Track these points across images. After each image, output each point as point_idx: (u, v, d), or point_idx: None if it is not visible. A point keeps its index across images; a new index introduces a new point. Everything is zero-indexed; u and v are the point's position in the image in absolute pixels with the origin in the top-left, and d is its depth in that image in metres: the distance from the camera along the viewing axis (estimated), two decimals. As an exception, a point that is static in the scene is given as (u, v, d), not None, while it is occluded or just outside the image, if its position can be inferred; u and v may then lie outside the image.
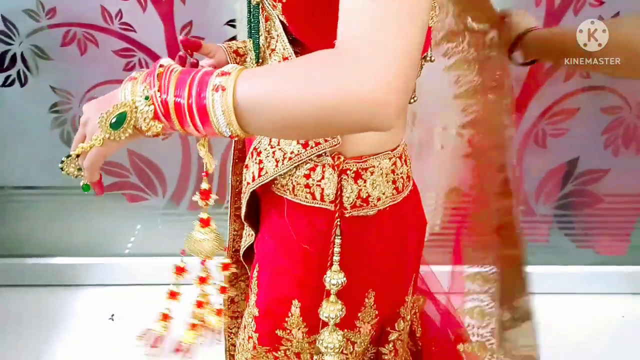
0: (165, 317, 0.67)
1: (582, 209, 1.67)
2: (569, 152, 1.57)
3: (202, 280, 0.64)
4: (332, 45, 0.44)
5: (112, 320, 1.63)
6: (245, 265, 0.81)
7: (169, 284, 1.80)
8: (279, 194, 0.66)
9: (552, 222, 1.72)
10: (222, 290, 0.67)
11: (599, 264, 1.76)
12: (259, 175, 0.65)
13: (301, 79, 0.43)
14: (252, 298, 0.71)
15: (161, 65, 0.50)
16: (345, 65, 0.41)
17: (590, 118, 1.50)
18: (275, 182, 0.66)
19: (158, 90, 0.48)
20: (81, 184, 0.57)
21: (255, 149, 0.67)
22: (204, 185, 0.58)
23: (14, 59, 1.42)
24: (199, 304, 0.66)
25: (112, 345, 1.52)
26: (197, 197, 0.58)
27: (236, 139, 0.50)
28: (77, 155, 0.54)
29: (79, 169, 0.56)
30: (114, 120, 0.49)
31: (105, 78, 1.45)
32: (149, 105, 0.49)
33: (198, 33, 1.40)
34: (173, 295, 0.66)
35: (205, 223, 0.60)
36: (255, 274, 0.71)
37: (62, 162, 0.54)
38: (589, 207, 1.67)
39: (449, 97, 1.44)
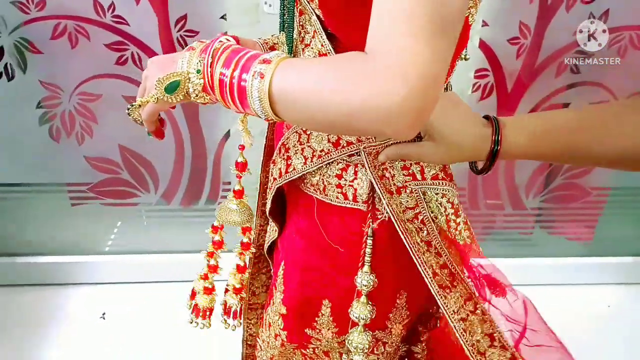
0: (206, 276, 0.69)
1: (570, 201, 1.71)
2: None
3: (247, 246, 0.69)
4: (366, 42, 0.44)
5: (104, 319, 1.60)
6: (269, 260, 0.80)
7: (158, 281, 1.77)
8: (308, 193, 0.65)
9: (540, 215, 1.76)
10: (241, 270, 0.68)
11: (586, 255, 1.80)
12: (286, 172, 0.64)
13: (330, 81, 0.44)
14: (278, 296, 0.70)
15: (220, 42, 0.53)
16: (370, 75, 0.42)
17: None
18: (305, 180, 0.65)
19: (209, 67, 0.52)
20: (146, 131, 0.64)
21: (283, 144, 0.66)
22: (240, 159, 0.61)
23: (1, 52, 1.38)
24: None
25: (106, 344, 1.50)
26: (232, 168, 0.62)
27: (271, 121, 0.51)
28: (139, 105, 0.59)
29: None
30: (168, 86, 0.54)
31: (96, 72, 1.42)
32: (200, 79, 0.52)
33: (193, 26, 1.38)
34: (210, 254, 0.69)
35: (238, 195, 0.62)
36: (280, 271, 0.70)
37: (129, 109, 0.61)
38: (577, 199, 1.70)
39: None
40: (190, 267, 1.69)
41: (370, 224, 0.61)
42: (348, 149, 0.60)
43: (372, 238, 0.61)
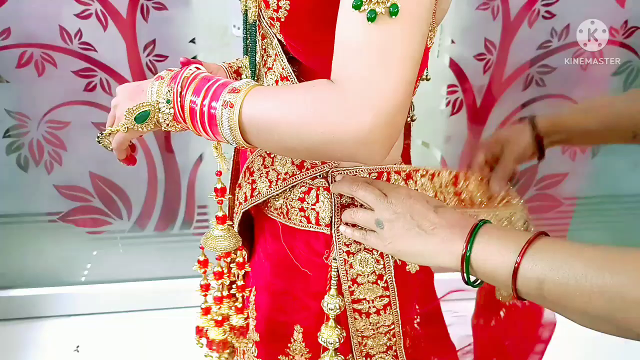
0: (207, 310, 0.66)
1: (544, 212, 1.73)
2: (529, 158, 1.63)
3: (219, 275, 0.64)
4: (329, 65, 0.45)
5: (78, 351, 1.55)
6: None
7: (134, 310, 1.72)
8: (272, 217, 0.64)
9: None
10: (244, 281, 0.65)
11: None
12: (252, 196, 0.64)
13: (299, 110, 0.46)
14: (251, 322, 0.69)
15: (190, 70, 0.53)
16: (338, 104, 0.43)
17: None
18: (269, 205, 0.64)
19: (179, 96, 0.52)
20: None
21: (248, 168, 0.65)
22: (218, 185, 0.60)
23: (-35, 82, 1.35)
24: (218, 300, 0.65)
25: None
26: (211, 195, 0.60)
27: (242, 148, 0.52)
28: (109, 134, 0.59)
29: None
30: (138, 116, 0.54)
31: (64, 99, 1.40)
32: (170, 109, 0.53)
33: (162, 51, 1.38)
34: (205, 288, 0.66)
35: (221, 220, 0.61)
36: (252, 297, 0.69)
37: (98, 137, 0.60)
38: (551, 209, 1.73)
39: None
40: (166, 294, 1.67)
41: (335, 247, 0.61)
42: (312, 171, 0.60)
43: (337, 261, 0.61)
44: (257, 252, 0.70)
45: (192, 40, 1.38)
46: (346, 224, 0.60)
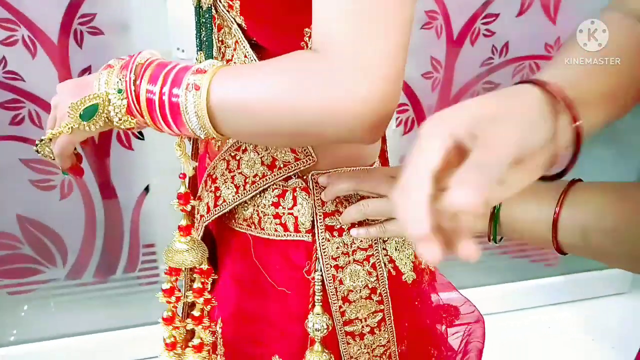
0: (172, 345, 0.56)
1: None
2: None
3: (169, 293, 0.55)
4: (297, 47, 0.41)
5: None
6: None
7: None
8: (241, 230, 0.57)
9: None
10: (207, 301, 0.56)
11: (519, 280, 1.83)
12: (215, 206, 0.56)
13: (280, 85, 0.40)
14: None
15: (143, 57, 0.47)
16: (327, 73, 0.38)
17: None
18: (236, 216, 0.57)
19: (133, 84, 0.45)
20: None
21: (209, 175, 0.58)
22: (182, 189, 0.52)
23: None
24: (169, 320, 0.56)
25: None
26: (175, 202, 0.52)
27: (212, 141, 0.45)
28: (50, 139, 0.51)
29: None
30: (84, 111, 0.46)
31: (-14, 135, 1.26)
32: (122, 99, 0.46)
33: (98, 79, 1.28)
34: (169, 320, 0.56)
35: (185, 231, 0.52)
36: (218, 329, 0.60)
37: (37, 144, 0.53)
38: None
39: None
40: (111, 347, 1.51)
41: (318, 256, 0.54)
42: (285, 170, 0.53)
43: (320, 272, 0.54)
44: (221, 275, 0.61)
45: (132, 66, 1.30)
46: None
